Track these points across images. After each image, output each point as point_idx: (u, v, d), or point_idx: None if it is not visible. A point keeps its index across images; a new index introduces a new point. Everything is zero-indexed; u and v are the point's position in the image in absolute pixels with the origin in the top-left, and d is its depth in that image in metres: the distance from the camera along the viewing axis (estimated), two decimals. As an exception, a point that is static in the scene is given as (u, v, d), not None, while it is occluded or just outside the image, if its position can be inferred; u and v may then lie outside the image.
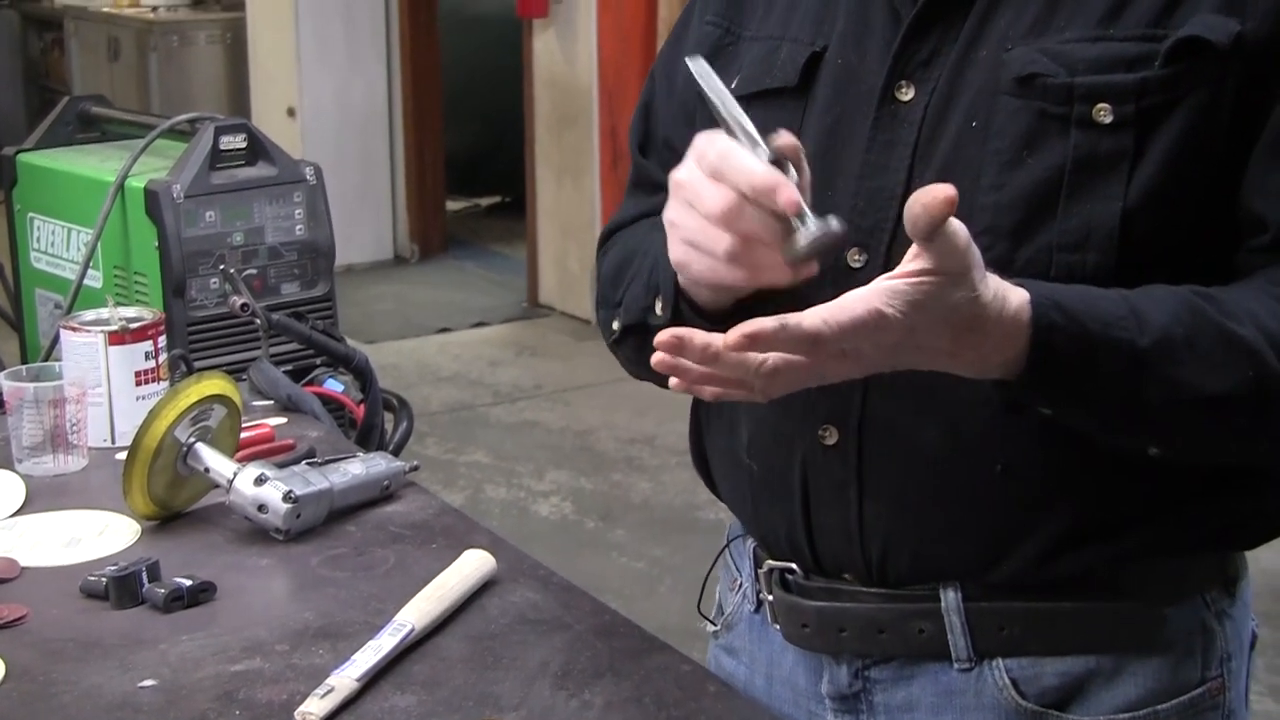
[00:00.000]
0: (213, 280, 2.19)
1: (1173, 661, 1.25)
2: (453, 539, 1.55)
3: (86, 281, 2.27)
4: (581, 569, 3.84)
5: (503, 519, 4.34)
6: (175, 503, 1.61)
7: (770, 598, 1.33)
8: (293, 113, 6.83)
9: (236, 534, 1.57)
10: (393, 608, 1.35)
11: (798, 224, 1.04)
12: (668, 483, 4.62)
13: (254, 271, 2.23)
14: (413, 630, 1.32)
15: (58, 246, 2.40)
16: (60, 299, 2.36)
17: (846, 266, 1.18)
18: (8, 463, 1.75)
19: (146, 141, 2.28)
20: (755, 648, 1.37)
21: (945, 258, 1.01)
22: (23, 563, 1.51)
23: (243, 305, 2.11)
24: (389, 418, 2.18)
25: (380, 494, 1.65)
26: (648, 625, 1.38)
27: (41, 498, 1.68)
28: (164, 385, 1.85)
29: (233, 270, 2.19)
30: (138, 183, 2.22)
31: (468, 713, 1.23)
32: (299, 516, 1.55)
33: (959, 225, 1.01)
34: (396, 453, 2.05)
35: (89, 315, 1.88)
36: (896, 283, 1.02)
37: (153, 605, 1.41)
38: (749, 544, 1.37)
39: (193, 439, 1.57)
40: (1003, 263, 1.11)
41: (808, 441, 1.24)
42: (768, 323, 1.01)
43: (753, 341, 1.01)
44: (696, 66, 1.11)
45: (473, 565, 1.43)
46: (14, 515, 1.64)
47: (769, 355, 1.02)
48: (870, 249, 1.19)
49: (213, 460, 1.57)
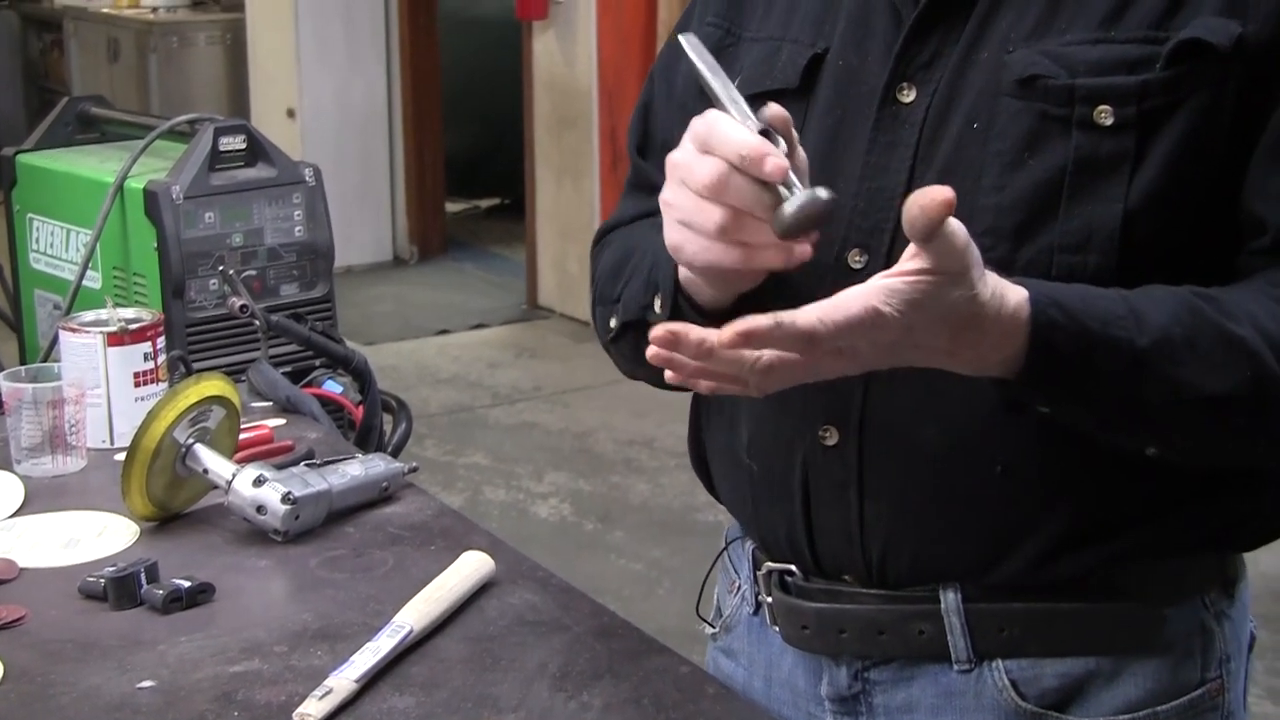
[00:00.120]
0: (212, 281, 2.19)
1: (1172, 663, 1.25)
2: (451, 540, 1.55)
3: (85, 282, 2.26)
4: (580, 571, 3.84)
5: (501, 521, 4.34)
6: (174, 504, 1.61)
7: (769, 599, 1.32)
8: (292, 114, 6.83)
9: (235, 535, 1.57)
10: (391, 609, 1.35)
11: (786, 194, 1.03)
12: (666, 484, 4.62)
13: (253, 273, 2.22)
14: (411, 632, 1.31)
15: (57, 247, 2.39)
16: (59, 300, 2.35)
17: (847, 267, 1.18)
18: (6, 463, 1.75)
19: (146, 142, 2.28)
20: (754, 650, 1.37)
21: (943, 258, 1.01)
22: (21, 564, 1.51)
23: (242, 306, 2.11)
24: (388, 419, 2.18)
25: (379, 495, 1.65)
26: (646, 627, 1.38)
27: (40, 498, 1.68)
28: (163, 386, 1.85)
29: (232, 271, 2.19)
30: (137, 184, 2.22)
31: (466, 714, 1.23)
32: (298, 518, 1.55)
33: (957, 225, 1.01)
34: (395, 454, 2.05)
35: (88, 316, 1.87)
36: (894, 281, 1.02)
37: (151, 606, 1.41)
38: (748, 546, 1.37)
39: (191, 440, 1.57)
40: (1004, 264, 1.11)
41: (808, 442, 1.24)
42: (762, 320, 1.00)
43: (747, 339, 1.00)
44: (689, 41, 1.11)
45: (471, 567, 1.43)
46: (12, 516, 1.64)
47: (764, 352, 1.02)
48: (871, 250, 1.19)
49: (211, 461, 1.57)
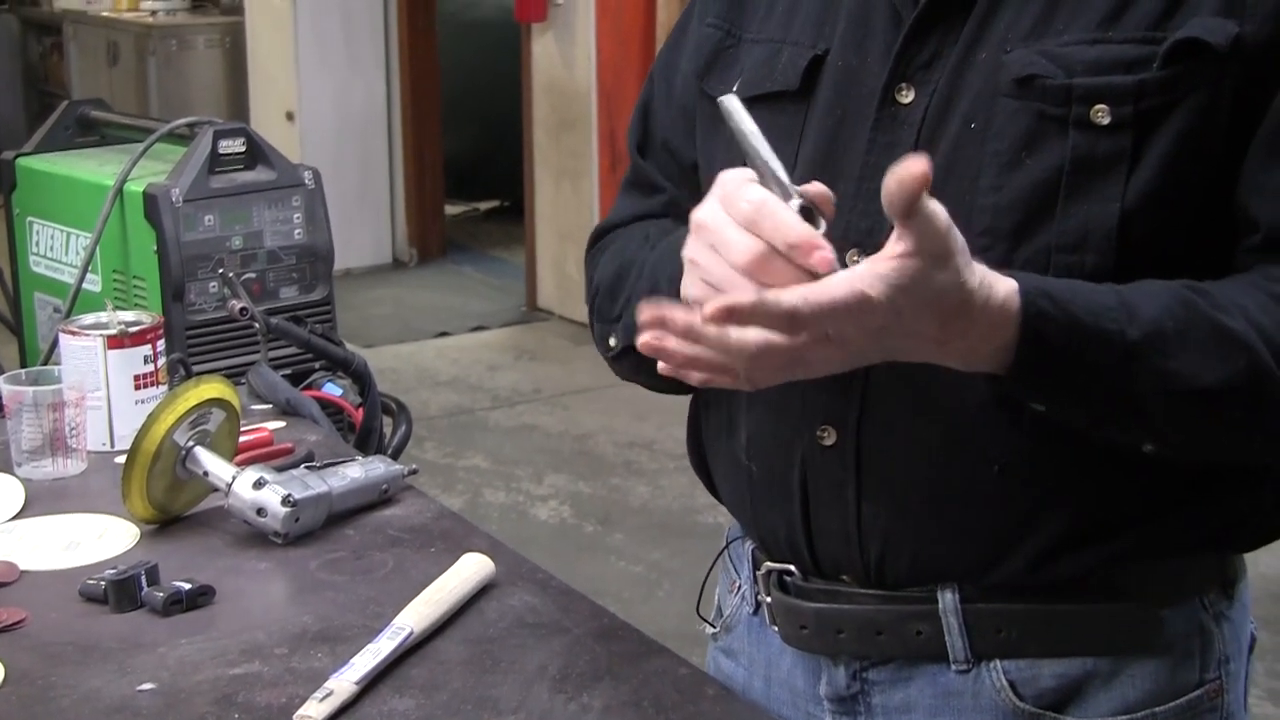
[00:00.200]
0: (211, 284, 2.19)
1: (1171, 663, 1.25)
2: (451, 543, 1.55)
3: (85, 285, 2.27)
4: (580, 573, 3.84)
5: (501, 523, 4.34)
6: (174, 506, 1.61)
7: (769, 599, 1.33)
8: (291, 117, 6.83)
9: (235, 537, 1.57)
10: (391, 611, 1.35)
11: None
12: (666, 487, 4.62)
13: (253, 275, 2.22)
14: (411, 634, 1.32)
15: (57, 250, 2.40)
16: (59, 303, 2.35)
17: (845, 268, 1.18)
18: (7, 466, 1.75)
19: (145, 145, 2.28)
20: (754, 649, 1.37)
21: (925, 239, 1.01)
22: (22, 566, 1.51)
23: (241, 309, 2.11)
24: (387, 421, 2.18)
25: (379, 498, 1.65)
26: (646, 629, 1.38)
27: (40, 501, 1.68)
28: (163, 389, 1.85)
29: (231, 274, 2.19)
30: (137, 187, 2.22)
31: (466, 716, 1.23)
32: (297, 520, 1.55)
33: (938, 207, 1.00)
34: (395, 456, 2.05)
35: (88, 319, 1.88)
36: (879, 265, 1.02)
37: (152, 609, 1.41)
38: (748, 546, 1.37)
39: (191, 443, 1.57)
40: (1001, 264, 1.11)
41: (806, 442, 1.24)
42: (745, 297, 1.00)
43: (729, 314, 1.00)
44: (731, 104, 1.07)
45: (471, 569, 1.43)
46: (13, 519, 1.64)
47: (749, 334, 1.02)
48: (869, 250, 1.17)
49: (211, 464, 1.57)
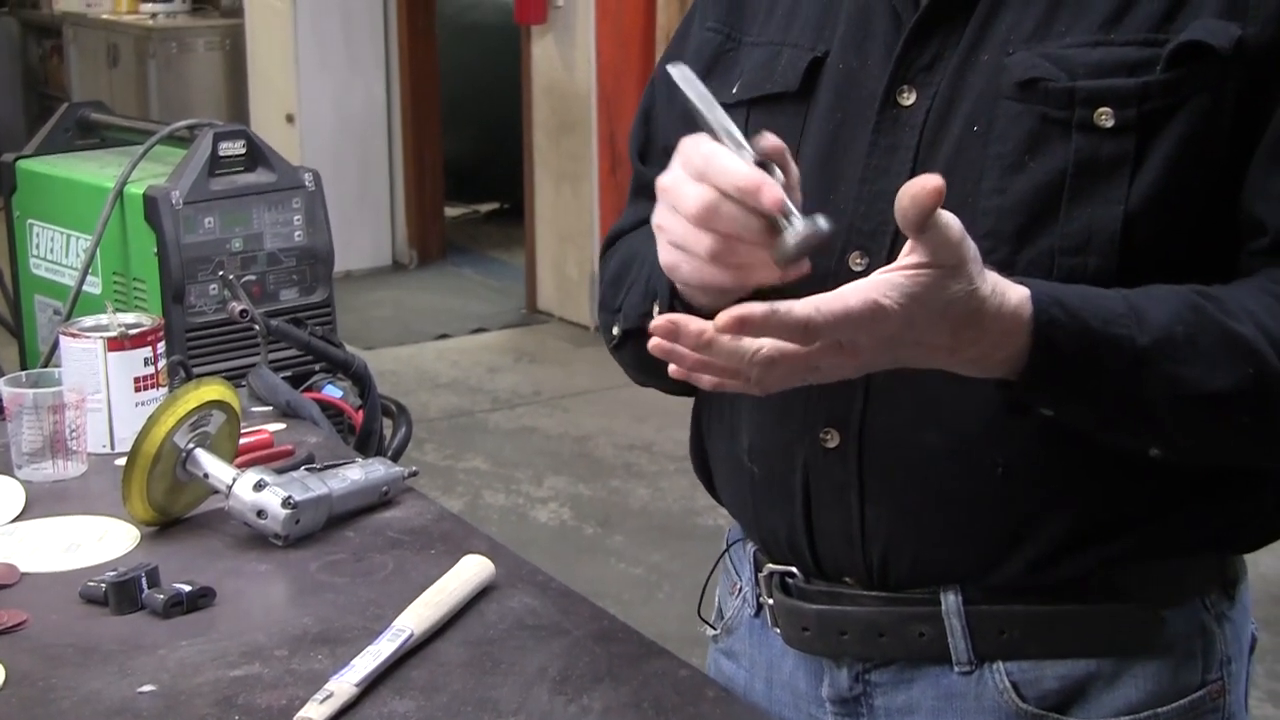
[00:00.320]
0: (212, 286, 2.19)
1: (1173, 664, 1.25)
2: (451, 544, 1.55)
3: (86, 288, 2.26)
4: (580, 575, 3.84)
5: (501, 525, 4.34)
6: (174, 508, 1.61)
7: (770, 601, 1.32)
8: (291, 119, 6.84)
9: (235, 539, 1.57)
10: (391, 613, 1.35)
11: (784, 224, 1.03)
12: (666, 489, 4.62)
13: (253, 277, 2.22)
14: (411, 635, 1.31)
15: (57, 253, 2.39)
16: (59, 305, 2.35)
17: (848, 270, 1.18)
18: (7, 468, 1.75)
19: (145, 148, 2.28)
20: (755, 651, 1.37)
21: (939, 250, 1.01)
22: (22, 568, 1.51)
23: (242, 311, 2.11)
24: (388, 424, 2.18)
25: (379, 500, 1.65)
26: (646, 631, 1.38)
27: (41, 503, 1.68)
28: (163, 391, 1.85)
29: (231, 276, 2.19)
30: (137, 189, 2.21)
31: (466, 717, 1.23)
32: (298, 522, 1.55)
33: (951, 218, 1.01)
34: (395, 458, 2.05)
35: (88, 321, 1.87)
36: (893, 275, 1.02)
37: (152, 611, 1.41)
38: (749, 548, 1.37)
39: (192, 445, 1.57)
40: (1005, 266, 1.11)
41: (809, 444, 1.24)
42: (758, 308, 1.00)
43: (742, 325, 1.00)
44: (679, 72, 1.10)
45: (471, 571, 1.43)
46: (13, 521, 1.64)
47: (762, 344, 1.02)
48: (872, 252, 1.19)
49: (212, 466, 1.57)
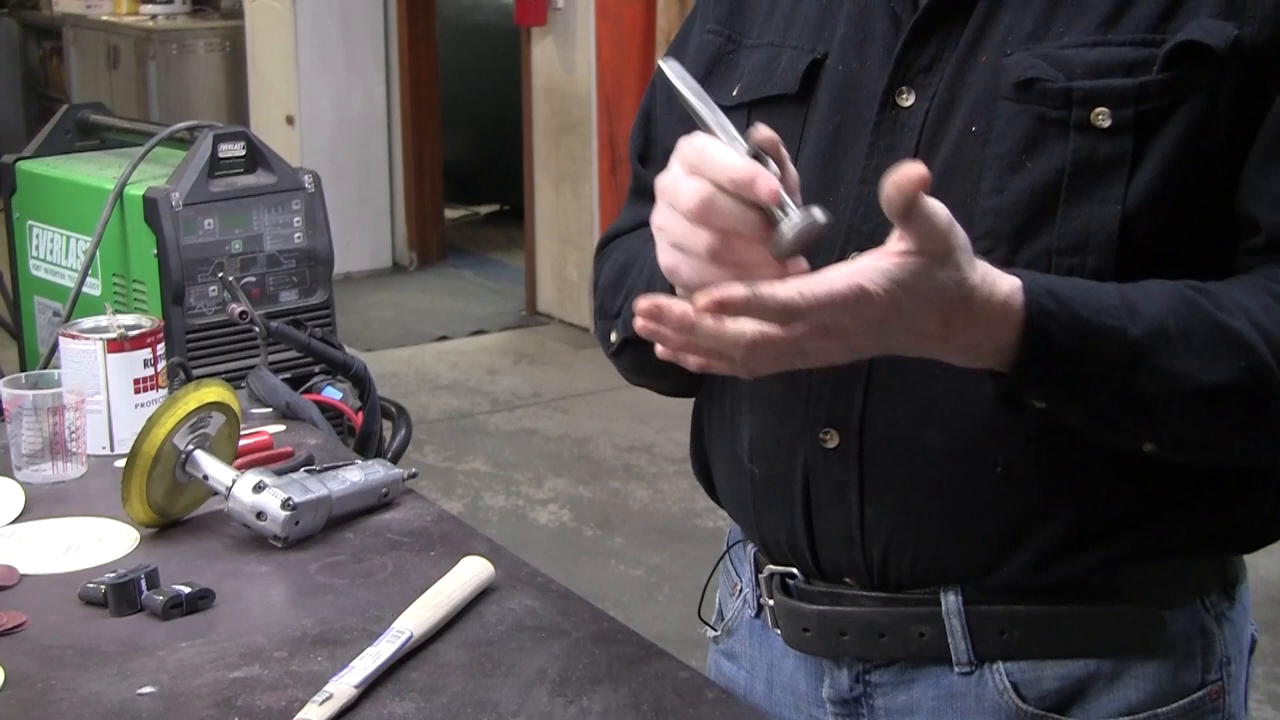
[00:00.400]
0: (211, 288, 2.19)
1: (1173, 665, 1.25)
2: (451, 546, 1.55)
3: (85, 289, 2.26)
4: (580, 576, 3.85)
5: (501, 526, 4.34)
6: (174, 510, 1.61)
7: (771, 602, 1.32)
8: (291, 120, 6.84)
9: (235, 541, 1.57)
10: (391, 615, 1.35)
11: (780, 215, 1.02)
12: (666, 490, 4.62)
13: (252, 279, 2.22)
14: (411, 637, 1.31)
15: (56, 254, 2.39)
16: (59, 306, 2.35)
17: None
18: (6, 470, 1.75)
19: (145, 149, 2.28)
20: (756, 652, 1.37)
21: (926, 238, 1.01)
22: (21, 570, 1.51)
23: (241, 313, 2.11)
24: (387, 425, 2.18)
25: (379, 501, 1.65)
26: (646, 633, 1.38)
27: (40, 505, 1.68)
28: (163, 393, 1.85)
29: (231, 278, 2.19)
30: (136, 190, 2.21)
31: (466, 719, 1.23)
32: (297, 524, 1.55)
33: (938, 205, 1.00)
34: (395, 460, 2.05)
35: (88, 323, 1.87)
36: (879, 260, 1.01)
37: (151, 612, 1.41)
38: (749, 549, 1.37)
39: (191, 446, 1.57)
40: (1003, 265, 1.10)
41: (809, 445, 1.24)
42: (738, 289, 1.00)
43: (722, 306, 1.00)
44: (670, 68, 1.09)
45: (471, 572, 1.43)
46: (13, 523, 1.64)
47: (745, 326, 1.01)
48: (871, 253, 1.18)
49: (211, 467, 1.57)
